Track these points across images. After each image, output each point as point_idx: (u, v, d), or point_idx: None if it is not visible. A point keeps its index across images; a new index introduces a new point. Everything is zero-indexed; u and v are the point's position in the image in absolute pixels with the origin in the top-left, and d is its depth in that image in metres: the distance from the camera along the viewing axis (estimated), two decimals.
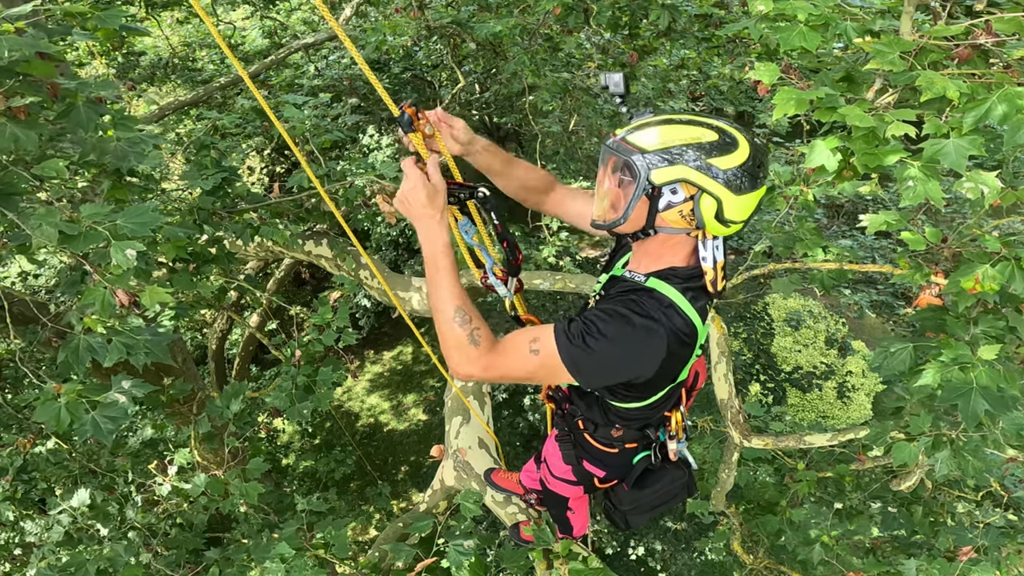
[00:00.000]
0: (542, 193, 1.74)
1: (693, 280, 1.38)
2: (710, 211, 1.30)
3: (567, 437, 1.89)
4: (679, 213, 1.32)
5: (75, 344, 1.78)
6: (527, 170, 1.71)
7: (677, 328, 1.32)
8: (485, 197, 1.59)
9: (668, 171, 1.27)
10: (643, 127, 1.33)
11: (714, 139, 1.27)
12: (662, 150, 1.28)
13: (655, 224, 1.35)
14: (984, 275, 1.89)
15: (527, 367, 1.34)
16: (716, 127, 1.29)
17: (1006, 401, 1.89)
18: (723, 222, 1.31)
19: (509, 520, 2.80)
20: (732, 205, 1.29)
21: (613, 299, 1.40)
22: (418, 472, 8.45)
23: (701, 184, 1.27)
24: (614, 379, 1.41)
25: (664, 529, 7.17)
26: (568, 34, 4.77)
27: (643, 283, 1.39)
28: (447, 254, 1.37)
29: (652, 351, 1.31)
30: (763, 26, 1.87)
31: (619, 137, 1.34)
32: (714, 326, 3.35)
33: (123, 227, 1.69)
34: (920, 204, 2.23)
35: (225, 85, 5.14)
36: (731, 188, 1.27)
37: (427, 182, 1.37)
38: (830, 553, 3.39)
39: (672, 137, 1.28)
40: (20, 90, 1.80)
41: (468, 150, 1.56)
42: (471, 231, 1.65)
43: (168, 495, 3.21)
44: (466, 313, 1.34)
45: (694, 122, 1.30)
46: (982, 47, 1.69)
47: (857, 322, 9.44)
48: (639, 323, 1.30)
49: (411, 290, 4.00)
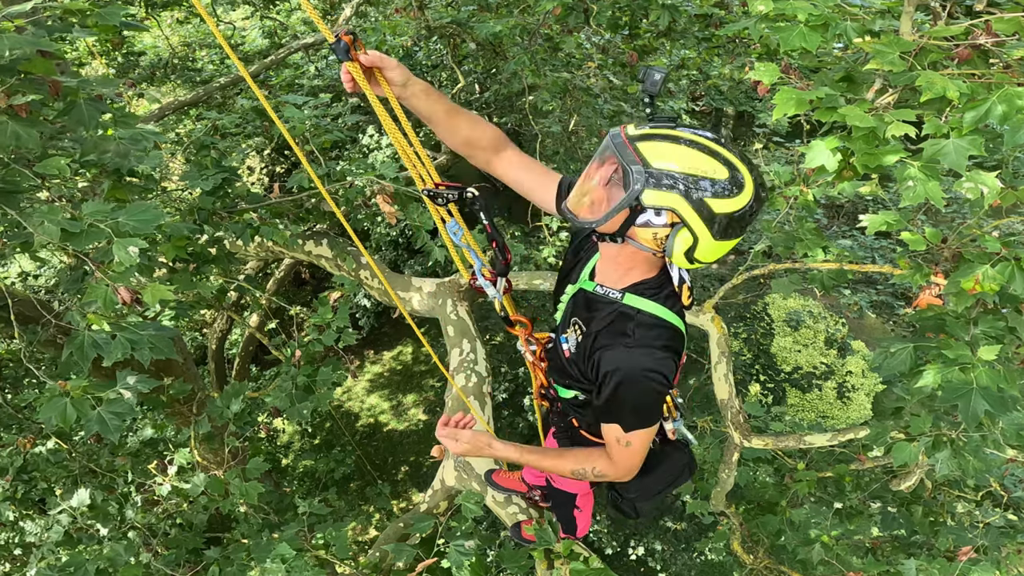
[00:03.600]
0: (489, 152, 1.60)
1: (665, 288, 1.40)
2: (683, 246, 1.25)
3: (564, 433, 1.89)
4: (653, 235, 1.27)
5: (80, 340, 1.78)
6: (472, 123, 1.56)
7: (666, 340, 1.37)
8: (474, 197, 1.56)
9: (662, 196, 1.20)
10: (656, 138, 1.22)
11: (723, 177, 1.19)
12: (665, 172, 1.19)
13: (626, 234, 1.30)
14: (984, 275, 1.90)
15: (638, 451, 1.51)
16: (730, 163, 1.21)
17: (1006, 401, 1.89)
18: (690, 259, 1.28)
19: (510, 520, 2.80)
20: (707, 247, 1.25)
21: (606, 342, 1.40)
22: (418, 472, 8.45)
23: (688, 220, 1.21)
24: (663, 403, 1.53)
25: (664, 529, 7.17)
26: (568, 34, 4.77)
27: (620, 300, 1.40)
28: (528, 451, 1.64)
29: (669, 371, 1.37)
30: (763, 26, 1.87)
31: (628, 137, 1.24)
32: (714, 326, 3.36)
33: (125, 224, 1.69)
34: (920, 204, 2.23)
35: (225, 85, 5.14)
36: (713, 232, 1.22)
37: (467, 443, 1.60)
38: (830, 553, 3.39)
39: (681, 162, 1.19)
40: (21, 88, 1.80)
41: (404, 93, 1.44)
42: (459, 232, 1.64)
43: (168, 495, 3.21)
44: (579, 470, 1.58)
45: (711, 151, 1.21)
46: (982, 47, 1.70)
47: (857, 322, 9.45)
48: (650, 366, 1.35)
49: (411, 290, 4.00)
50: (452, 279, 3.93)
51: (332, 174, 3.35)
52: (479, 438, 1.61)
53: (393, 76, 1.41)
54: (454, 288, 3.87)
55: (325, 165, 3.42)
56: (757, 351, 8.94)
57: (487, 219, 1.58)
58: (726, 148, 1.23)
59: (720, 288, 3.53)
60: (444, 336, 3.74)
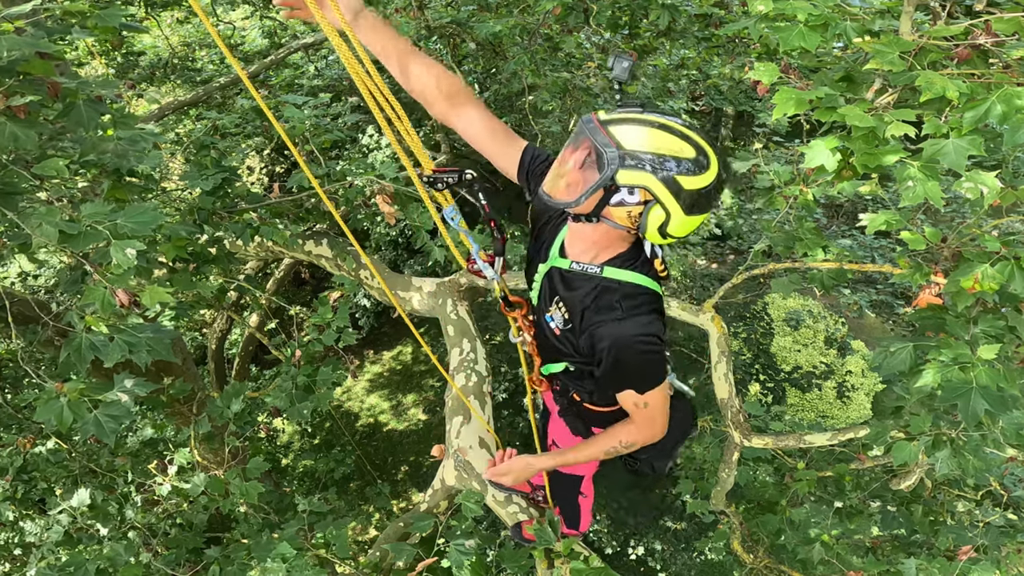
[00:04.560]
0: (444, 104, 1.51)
1: (640, 257, 1.47)
2: (656, 222, 1.32)
3: (569, 410, 1.91)
4: (627, 213, 1.33)
5: (77, 342, 1.77)
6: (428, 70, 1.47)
7: (656, 305, 1.46)
8: (472, 179, 1.57)
9: (634, 175, 1.26)
10: (627, 122, 1.29)
11: (690, 156, 1.26)
12: (637, 152, 1.25)
13: (600, 214, 1.36)
14: (984, 275, 1.89)
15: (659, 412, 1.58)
16: (696, 144, 1.28)
17: (1006, 401, 1.89)
18: (663, 234, 1.35)
19: (510, 520, 2.80)
20: (678, 222, 1.32)
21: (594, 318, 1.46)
22: (418, 472, 8.45)
23: (659, 196, 1.27)
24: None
25: (664, 529, 7.17)
26: (568, 34, 4.77)
27: (600, 275, 1.47)
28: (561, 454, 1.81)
29: (662, 331, 1.46)
30: (763, 26, 1.87)
31: (600, 121, 1.30)
32: (714, 325, 3.35)
33: (123, 226, 1.69)
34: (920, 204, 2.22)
35: (225, 85, 5.14)
36: (684, 207, 1.29)
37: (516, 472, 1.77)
38: (830, 552, 3.39)
39: (651, 143, 1.26)
40: (20, 89, 1.80)
41: (354, 23, 1.37)
42: (456, 218, 1.65)
43: (168, 495, 3.21)
44: (610, 448, 1.67)
45: (677, 133, 1.28)
46: (981, 47, 1.69)
47: (857, 322, 9.44)
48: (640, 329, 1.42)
49: (411, 290, 4.00)
50: (452, 279, 3.93)
51: (332, 174, 3.35)
52: (519, 462, 1.78)
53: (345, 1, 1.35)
54: (454, 288, 3.87)
55: (325, 165, 3.42)
56: (757, 351, 8.94)
57: (485, 199, 1.59)
58: (691, 129, 1.31)
59: (720, 288, 3.53)
60: (444, 336, 3.74)
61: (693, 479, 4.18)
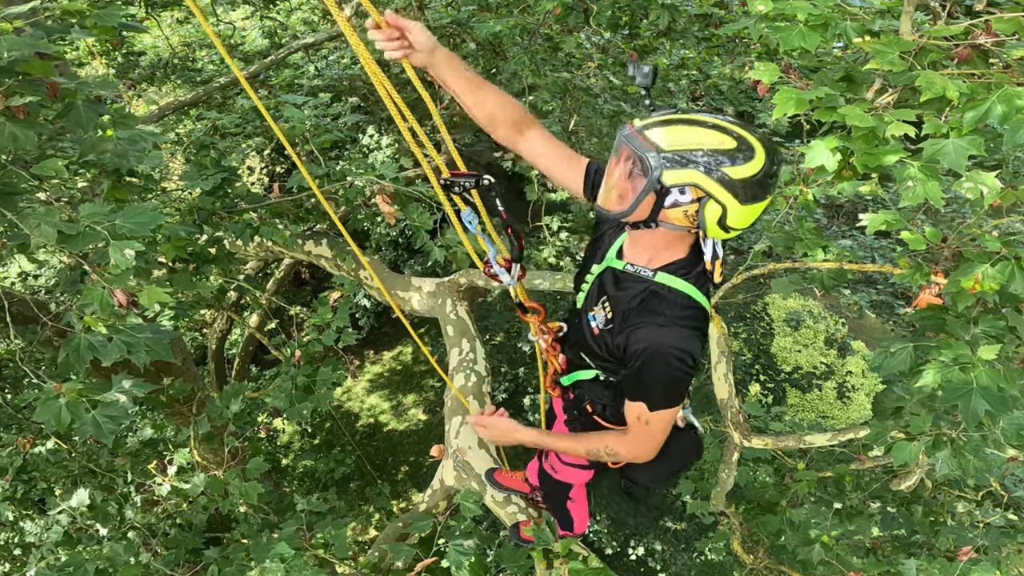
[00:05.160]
0: (511, 129, 1.59)
1: (696, 266, 1.44)
2: (714, 217, 1.31)
3: (576, 421, 1.89)
4: (683, 213, 1.33)
5: (76, 343, 1.77)
6: (499, 98, 1.55)
7: (696, 321, 1.41)
8: (490, 184, 1.58)
9: (680, 173, 1.26)
10: (663, 124, 1.30)
11: (732, 147, 1.26)
12: (678, 151, 1.26)
13: (658, 218, 1.36)
14: (984, 275, 1.89)
15: (659, 431, 1.53)
16: (737, 134, 1.28)
17: (1006, 401, 1.89)
18: (724, 228, 1.33)
19: (509, 520, 2.80)
20: (736, 214, 1.30)
21: (637, 320, 1.43)
22: (418, 472, 8.45)
23: (710, 191, 1.27)
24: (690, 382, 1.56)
25: (664, 529, 7.16)
26: (568, 34, 4.76)
27: (652, 279, 1.44)
28: (547, 434, 1.78)
29: (698, 352, 1.42)
30: (763, 26, 1.87)
31: (636, 129, 1.32)
32: (714, 326, 3.35)
33: (122, 226, 1.69)
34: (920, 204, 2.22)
35: (225, 85, 5.14)
36: (738, 198, 1.27)
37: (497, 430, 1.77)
38: (830, 553, 3.39)
39: (690, 139, 1.26)
40: (19, 89, 1.80)
41: (430, 60, 1.44)
42: (474, 221, 1.65)
43: (167, 495, 3.20)
44: (593, 449, 1.63)
45: (715, 126, 1.28)
46: (982, 47, 1.69)
47: (857, 322, 9.44)
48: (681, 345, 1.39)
49: (410, 290, 4.00)
50: (451, 279, 3.93)
51: (332, 174, 3.35)
52: (505, 424, 1.77)
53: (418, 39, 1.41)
54: (453, 288, 3.87)
55: (325, 165, 3.42)
56: (757, 351, 8.93)
57: (502, 206, 1.59)
58: (728, 122, 1.30)
59: (720, 288, 3.53)
60: (443, 336, 3.74)
61: (693, 479, 4.18)
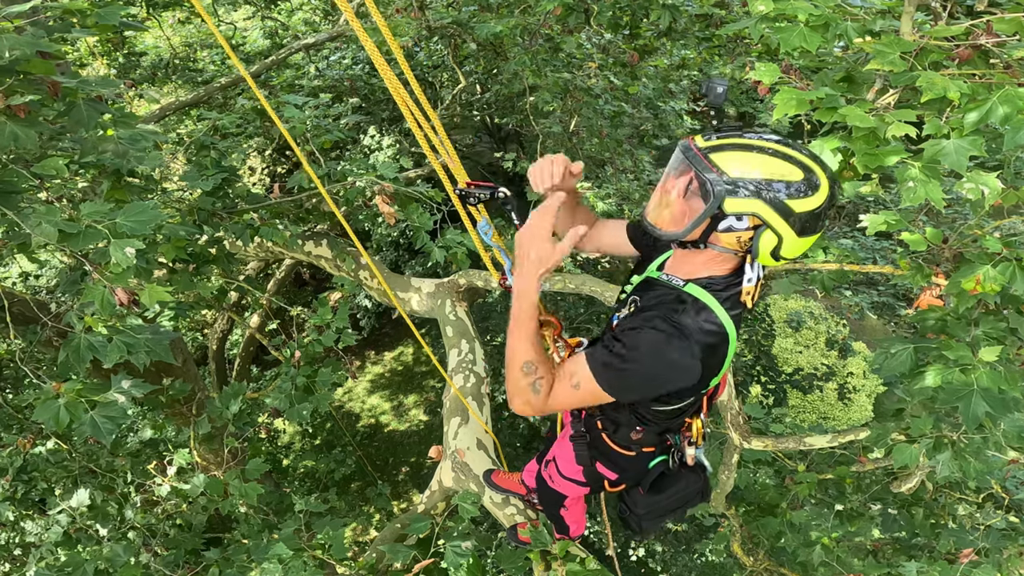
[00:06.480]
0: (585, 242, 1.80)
1: (730, 289, 1.38)
2: (768, 246, 1.28)
3: (582, 437, 1.87)
4: (736, 238, 1.30)
5: (76, 343, 1.77)
6: (601, 223, 1.79)
7: (708, 337, 1.32)
8: (506, 197, 1.58)
9: (743, 203, 1.23)
10: (729, 147, 1.26)
11: (799, 179, 1.22)
12: (743, 180, 1.22)
13: (708, 240, 1.33)
14: (985, 276, 1.89)
15: (574, 400, 1.40)
16: (803, 164, 1.24)
17: (1007, 403, 1.88)
18: (776, 257, 1.31)
19: (507, 521, 2.79)
20: (791, 244, 1.27)
21: (649, 311, 1.39)
22: (419, 473, 8.45)
23: (770, 221, 1.24)
24: (650, 394, 1.45)
25: (665, 530, 7.16)
26: (569, 34, 4.77)
27: (681, 287, 1.40)
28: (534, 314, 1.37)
29: (685, 367, 1.31)
30: (763, 26, 1.87)
31: (700, 149, 1.27)
32: None
33: (122, 225, 1.69)
34: (921, 205, 2.22)
35: (226, 85, 5.14)
36: (796, 230, 1.25)
37: (553, 239, 1.33)
38: (830, 555, 3.38)
39: (757, 168, 1.22)
40: (20, 88, 1.80)
41: (574, 212, 1.67)
42: (489, 232, 1.65)
43: (167, 495, 3.20)
44: (534, 364, 1.37)
45: (783, 155, 1.24)
46: (983, 47, 1.69)
47: (858, 323, 9.44)
48: (671, 342, 1.29)
49: (410, 291, 4.00)
50: (451, 280, 3.93)
51: (332, 174, 3.35)
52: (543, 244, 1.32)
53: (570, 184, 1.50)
54: (453, 289, 3.86)
55: (325, 165, 3.42)
56: (758, 352, 8.92)
57: (519, 219, 1.57)
58: (795, 149, 1.26)
59: None
60: (443, 337, 3.74)
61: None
